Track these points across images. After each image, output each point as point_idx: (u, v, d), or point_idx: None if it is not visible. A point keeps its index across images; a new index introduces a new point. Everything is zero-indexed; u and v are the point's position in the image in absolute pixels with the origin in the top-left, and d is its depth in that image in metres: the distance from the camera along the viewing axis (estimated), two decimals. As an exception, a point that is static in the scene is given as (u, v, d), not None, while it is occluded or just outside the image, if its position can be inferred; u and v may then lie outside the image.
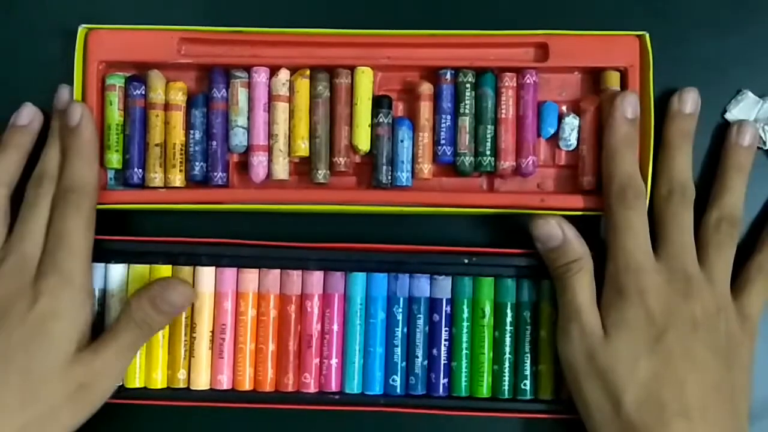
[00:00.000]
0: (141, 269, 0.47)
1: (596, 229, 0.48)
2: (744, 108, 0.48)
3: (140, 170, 0.48)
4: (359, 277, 0.48)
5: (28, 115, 0.48)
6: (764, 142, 0.48)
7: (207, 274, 0.48)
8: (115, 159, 0.48)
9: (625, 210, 0.44)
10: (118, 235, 0.48)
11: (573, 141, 0.48)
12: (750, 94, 0.49)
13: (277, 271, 0.48)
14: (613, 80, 0.47)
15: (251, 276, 0.48)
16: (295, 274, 0.48)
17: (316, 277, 0.48)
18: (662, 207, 0.46)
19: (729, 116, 0.49)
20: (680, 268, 0.44)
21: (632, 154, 0.46)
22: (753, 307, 0.46)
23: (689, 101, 0.47)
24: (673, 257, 0.44)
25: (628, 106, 0.46)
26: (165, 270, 0.47)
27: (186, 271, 0.48)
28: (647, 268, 0.44)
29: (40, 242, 0.45)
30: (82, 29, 0.47)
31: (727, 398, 0.43)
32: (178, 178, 0.48)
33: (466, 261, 0.47)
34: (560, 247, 0.45)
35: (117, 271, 0.47)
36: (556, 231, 0.45)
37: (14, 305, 0.43)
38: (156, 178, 0.48)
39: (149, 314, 0.45)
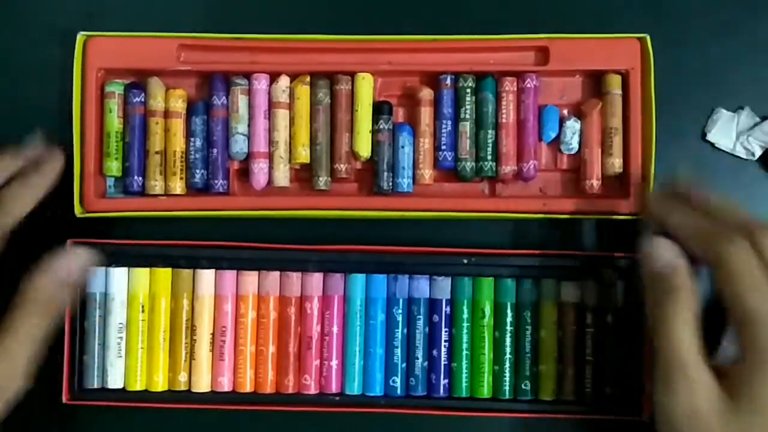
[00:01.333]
0: (142, 272, 0.47)
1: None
2: (722, 126, 0.49)
3: (140, 178, 0.48)
4: (359, 279, 0.48)
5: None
6: (752, 154, 0.49)
7: (207, 276, 0.48)
8: (114, 167, 0.48)
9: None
10: (118, 234, 0.48)
11: (575, 144, 0.48)
12: (723, 111, 0.49)
13: (277, 273, 0.48)
14: (615, 84, 0.48)
15: (251, 278, 0.48)
16: (295, 276, 0.48)
17: (316, 278, 0.48)
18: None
19: (710, 138, 0.49)
20: None
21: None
22: None
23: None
24: None
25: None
26: (165, 273, 0.47)
27: (186, 273, 0.48)
28: None
29: None
30: (80, 36, 0.48)
31: None
32: (178, 186, 0.48)
33: (465, 261, 0.47)
34: (669, 273, 0.41)
35: (118, 275, 0.47)
36: (667, 253, 0.42)
37: None
38: (156, 185, 0.48)
39: (48, 291, 0.42)
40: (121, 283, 0.47)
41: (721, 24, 0.50)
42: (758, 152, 0.49)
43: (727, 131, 0.49)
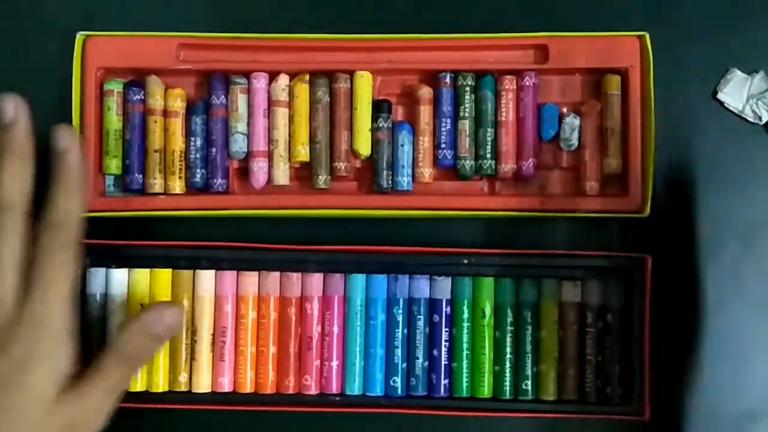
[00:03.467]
0: (142, 273, 0.47)
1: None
2: (734, 86, 0.48)
3: (140, 176, 0.48)
4: (359, 279, 0.47)
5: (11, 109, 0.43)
6: (759, 118, 0.48)
7: (207, 277, 0.48)
8: (113, 165, 0.48)
9: None
10: (118, 235, 0.48)
11: (574, 141, 0.48)
12: (738, 72, 0.49)
13: (277, 274, 0.48)
14: (614, 84, 0.48)
15: (251, 279, 0.48)
16: (295, 277, 0.48)
17: (316, 279, 0.48)
18: None
19: (721, 96, 0.49)
20: None
21: None
22: None
23: None
24: None
25: None
26: (165, 274, 0.47)
27: (186, 274, 0.48)
28: None
29: (12, 282, 0.41)
30: (80, 36, 0.48)
31: None
32: (177, 185, 0.48)
33: (465, 261, 0.47)
34: None
35: (118, 276, 0.47)
36: None
37: None
38: (156, 184, 0.48)
39: (142, 344, 0.43)
40: (121, 284, 0.47)
41: (719, 21, 0.50)
42: (765, 117, 0.48)
43: (739, 92, 0.49)
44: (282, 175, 0.48)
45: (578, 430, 0.46)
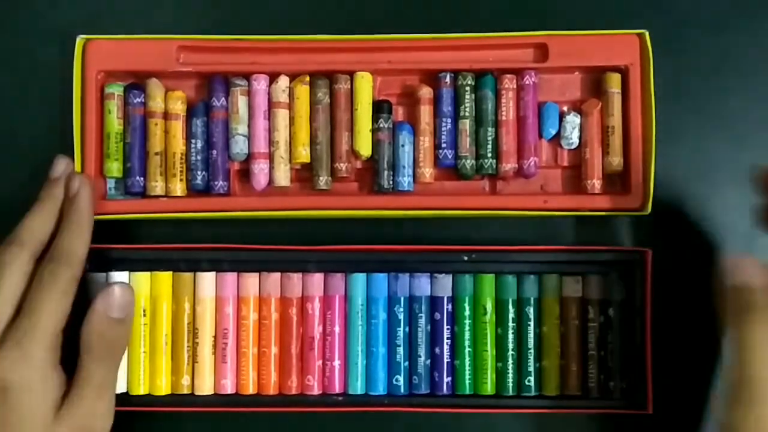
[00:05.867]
0: (142, 276, 0.47)
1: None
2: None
3: (142, 178, 0.48)
4: (359, 278, 0.47)
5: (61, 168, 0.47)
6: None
7: (208, 279, 0.48)
8: (114, 167, 0.48)
9: None
10: (119, 243, 0.48)
11: (575, 139, 0.48)
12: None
13: (278, 275, 0.48)
14: (614, 82, 0.48)
15: (252, 280, 0.48)
16: (296, 277, 0.48)
17: (317, 279, 0.48)
18: None
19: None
20: None
21: None
22: None
23: None
24: None
25: None
26: (166, 276, 0.47)
27: (186, 276, 0.48)
28: None
29: (7, 311, 0.42)
30: (80, 39, 0.48)
31: None
32: (179, 188, 0.48)
33: (465, 258, 0.47)
34: (752, 290, 0.41)
35: (119, 279, 0.47)
36: (754, 272, 0.42)
37: None
38: (157, 186, 0.48)
39: (106, 333, 0.43)
40: (122, 288, 0.47)
41: (720, 19, 0.50)
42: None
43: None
44: (283, 177, 0.48)
45: (582, 424, 0.46)
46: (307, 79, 0.48)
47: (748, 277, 0.41)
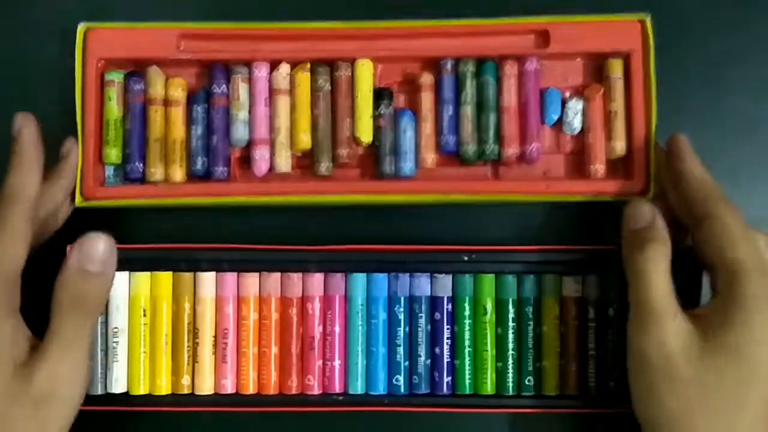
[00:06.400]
0: (142, 276, 0.47)
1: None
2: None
3: (140, 164, 0.48)
4: (359, 278, 0.47)
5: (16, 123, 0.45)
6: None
7: (208, 279, 0.48)
8: (113, 154, 0.48)
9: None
10: (118, 238, 0.47)
11: (577, 124, 0.48)
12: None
13: (278, 274, 0.48)
14: (617, 68, 0.47)
15: (252, 280, 0.48)
16: (296, 277, 0.48)
17: (317, 279, 0.48)
18: None
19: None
20: None
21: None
22: None
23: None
24: None
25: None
26: (166, 276, 0.47)
27: (186, 276, 0.48)
28: None
29: None
30: (81, 27, 0.48)
31: None
32: (178, 174, 0.48)
33: (465, 258, 0.47)
34: (645, 228, 0.43)
35: (119, 279, 0.47)
36: (646, 211, 0.44)
37: None
38: (156, 173, 0.48)
39: (80, 286, 0.41)
40: (122, 288, 0.47)
41: (721, 3, 0.50)
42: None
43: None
44: (284, 163, 0.48)
45: (581, 424, 0.46)
46: (308, 66, 0.48)
47: (643, 216, 0.43)
